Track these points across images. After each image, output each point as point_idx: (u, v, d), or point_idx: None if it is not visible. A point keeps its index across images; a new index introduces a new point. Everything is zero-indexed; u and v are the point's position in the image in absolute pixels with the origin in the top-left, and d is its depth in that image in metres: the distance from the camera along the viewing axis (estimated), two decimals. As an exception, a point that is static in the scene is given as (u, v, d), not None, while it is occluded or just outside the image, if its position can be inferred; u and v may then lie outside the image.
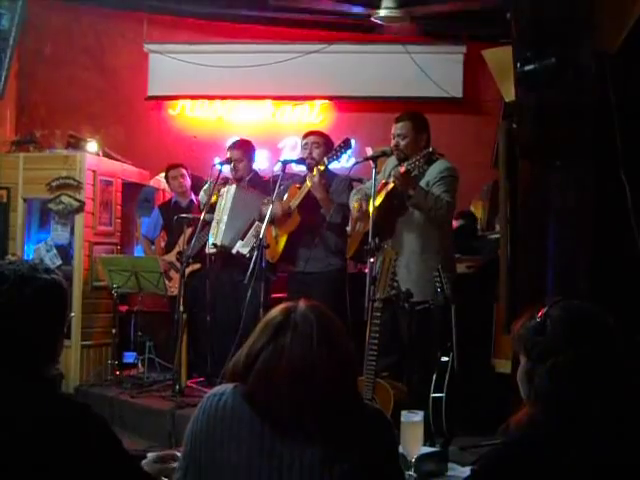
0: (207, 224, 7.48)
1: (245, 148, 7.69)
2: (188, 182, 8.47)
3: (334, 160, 6.51)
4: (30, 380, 2.26)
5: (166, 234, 8.67)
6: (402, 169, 5.69)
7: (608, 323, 2.28)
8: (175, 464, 2.71)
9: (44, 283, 2.34)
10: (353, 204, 6.21)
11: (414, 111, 6.39)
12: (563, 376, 2.20)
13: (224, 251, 7.35)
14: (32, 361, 2.28)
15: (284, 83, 9.95)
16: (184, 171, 8.45)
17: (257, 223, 7.14)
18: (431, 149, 5.80)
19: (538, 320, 2.29)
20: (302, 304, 2.40)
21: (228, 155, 7.65)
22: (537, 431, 2.17)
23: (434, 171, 5.92)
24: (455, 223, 8.12)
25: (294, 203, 6.67)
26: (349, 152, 6.61)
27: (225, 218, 7.39)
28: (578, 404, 2.17)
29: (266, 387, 2.27)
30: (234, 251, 7.25)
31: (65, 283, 2.45)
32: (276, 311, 2.40)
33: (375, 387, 5.10)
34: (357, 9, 9.03)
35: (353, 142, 6.69)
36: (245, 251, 7.13)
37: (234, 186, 7.51)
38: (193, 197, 8.42)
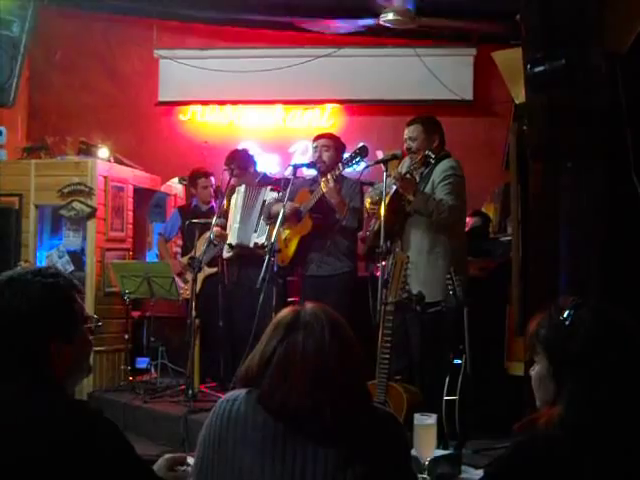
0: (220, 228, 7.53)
1: (236, 159, 7.73)
2: (213, 191, 8.50)
3: (349, 167, 6.51)
4: (41, 385, 2.25)
5: (182, 237, 8.69)
6: (401, 172, 5.75)
7: (634, 324, 2.28)
8: (186, 467, 2.72)
9: (41, 286, 2.33)
10: (366, 201, 6.23)
11: (426, 114, 6.42)
12: (600, 379, 2.19)
13: (241, 250, 7.40)
14: (43, 366, 2.28)
15: (294, 87, 9.96)
16: (213, 180, 8.46)
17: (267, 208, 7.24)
18: (427, 152, 5.82)
19: (566, 323, 2.27)
20: (309, 304, 2.41)
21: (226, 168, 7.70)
22: (564, 432, 2.16)
23: (439, 170, 5.95)
24: (469, 220, 8.13)
25: (306, 207, 6.68)
26: (365, 160, 6.60)
27: (238, 217, 7.46)
28: (614, 407, 2.16)
29: (283, 385, 2.28)
30: (251, 244, 7.30)
31: (71, 284, 2.43)
32: (285, 312, 2.42)
33: (388, 390, 5.10)
34: (367, 21, 9.09)
35: (368, 149, 6.67)
36: (261, 240, 7.20)
37: (243, 186, 7.57)
38: (213, 203, 8.43)
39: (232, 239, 7.46)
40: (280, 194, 7.31)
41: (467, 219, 8.15)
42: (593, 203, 4.78)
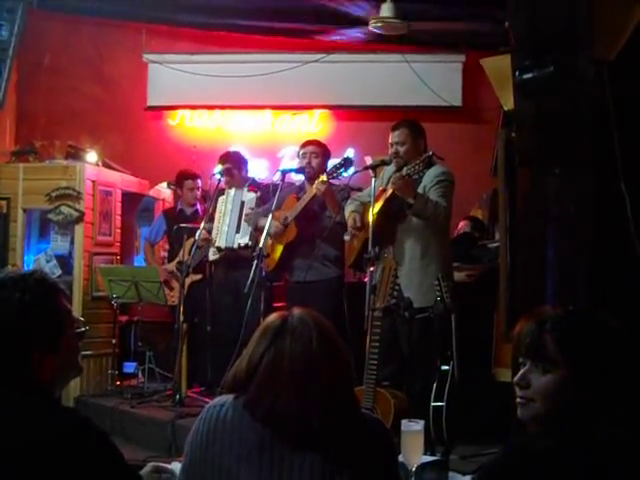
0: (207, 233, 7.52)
1: (230, 159, 7.72)
2: (199, 193, 8.50)
3: (334, 178, 6.50)
4: (28, 392, 2.24)
5: (167, 241, 8.68)
6: (402, 173, 5.71)
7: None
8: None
9: (23, 295, 2.31)
10: (348, 218, 6.22)
11: (409, 118, 6.42)
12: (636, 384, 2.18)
13: (229, 253, 7.39)
14: (28, 371, 2.27)
15: (283, 93, 9.96)
16: (200, 182, 8.46)
17: (246, 211, 7.23)
18: (430, 152, 5.82)
19: (590, 329, 2.23)
20: (297, 310, 2.41)
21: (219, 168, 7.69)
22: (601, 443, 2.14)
23: (430, 175, 5.93)
24: (462, 224, 8.14)
25: (292, 215, 6.68)
26: (350, 171, 6.59)
27: (227, 220, 7.44)
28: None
29: (270, 391, 2.28)
30: (235, 245, 7.29)
31: (56, 290, 2.41)
32: (273, 317, 2.42)
33: (376, 396, 5.10)
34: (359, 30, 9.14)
35: (353, 161, 6.68)
36: (245, 241, 7.19)
37: (233, 189, 7.56)
38: (199, 206, 8.43)
39: (221, 242, 7.45)
40: (258, 194, 7.34)
41: (461, 223, 8.20)
42: (581, 209, 4.78)
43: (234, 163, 7.67)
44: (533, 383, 2.28)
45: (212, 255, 7.61)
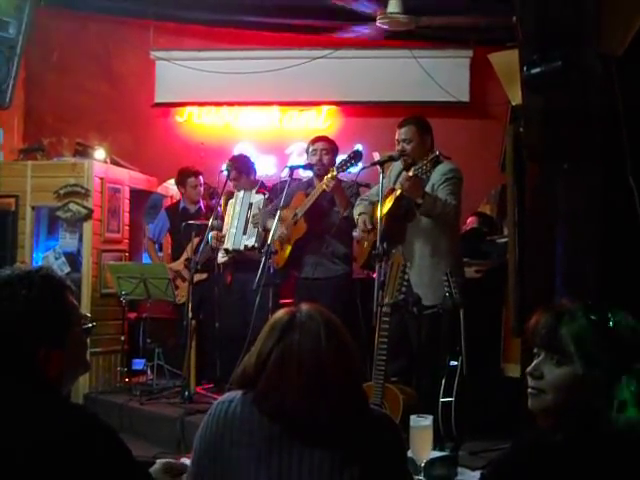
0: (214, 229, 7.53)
1: (236, 164, 7.72)
2: (202, 189, 8.49)
3: (343, 172, 6.49)
4: (36, 389, 2.24)
5: (171, 238, 8.68)
6: (410, 174, 5.68)
7: None
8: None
9: (29, 292, 2.30)
10: (357, 221, 6.20)
11: (416, 114, 6.40)
12: None
13: (236, 255, 7.39)
14: (36, 368, 2.27)
15: (291, 89, 9.94)
16: (202, 179, 8.45)
17: (254, 212, 7.22)
18: (437, 152, 5.79)
19: (606, 325, 2.22)
20: (305, 305, 2.41)
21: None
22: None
23: (438, 173, 5.90)
24: (471, 219, 8.13)
25: (301, 210, 6.68)
26: (359, 164, 6.59)
27: (236, 222, 7.44)
28: None
29: (279, 386, 2.28)
30: (242, 247, 7.29)
31: (62, 286, 2.41)
32: (281, 313, 2.42)
33: (384, 392, 5.10)
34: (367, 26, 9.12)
35: (362, 154, 6.67)
36: (251, 243, 7.19)
37: (242, 191, 7.56)
38: (202, 203, 8.43)
39: (229, 244, 7.46)
40: (266, 195, 7.33)
41: (469, 219, 8.18)
42: (589, 204, 4.78)
43: (240, 168, 7.67)
44: (546, 374, 2.26)
45: (221, 257, 7.62)
